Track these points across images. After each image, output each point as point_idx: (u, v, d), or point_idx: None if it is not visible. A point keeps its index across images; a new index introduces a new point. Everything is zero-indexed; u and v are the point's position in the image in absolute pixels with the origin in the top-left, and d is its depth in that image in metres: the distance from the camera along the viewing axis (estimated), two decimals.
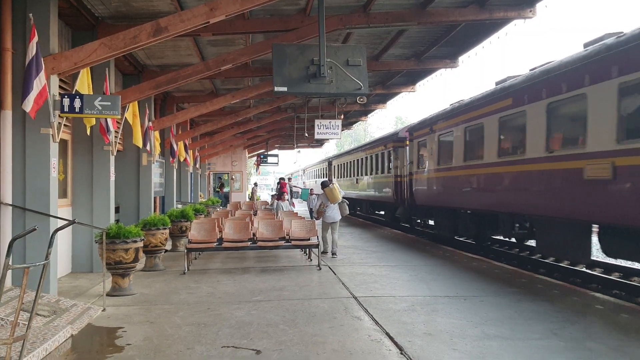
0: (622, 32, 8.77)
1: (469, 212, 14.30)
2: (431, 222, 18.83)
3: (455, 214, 15.31)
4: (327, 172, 39.06)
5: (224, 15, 7.70)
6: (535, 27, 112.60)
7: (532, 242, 12.43)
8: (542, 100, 10.26)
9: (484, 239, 15.38)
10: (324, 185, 13.38)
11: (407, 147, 20.09)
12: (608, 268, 12.13)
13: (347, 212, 13.34)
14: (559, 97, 9.79)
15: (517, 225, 12.77)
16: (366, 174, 26.46)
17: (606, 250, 9.68)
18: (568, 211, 9.56)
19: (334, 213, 13.02)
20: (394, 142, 21.67)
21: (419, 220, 20.57)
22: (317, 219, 13.48)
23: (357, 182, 28.42)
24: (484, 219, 13.72)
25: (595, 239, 9.86)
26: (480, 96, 13.53)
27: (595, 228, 9.76)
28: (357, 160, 28.76)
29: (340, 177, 33.37)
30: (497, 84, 12.31)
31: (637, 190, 7.85)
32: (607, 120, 8.46)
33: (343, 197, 13.23)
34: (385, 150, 22.69)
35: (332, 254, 12.63)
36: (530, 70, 11.36)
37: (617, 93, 8.27)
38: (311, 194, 22.75)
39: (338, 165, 35.40)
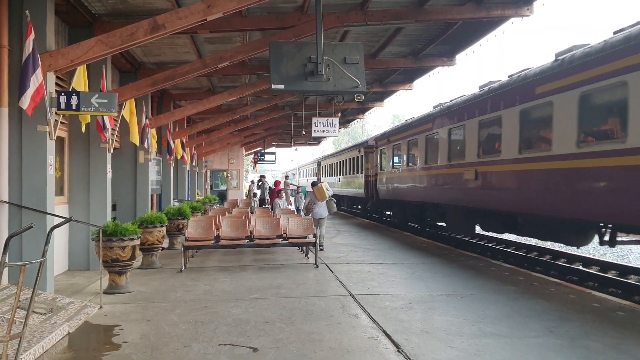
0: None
1: (412, 203, 18.46)
2: (389, 213, 24.08)
3: (405, 206, 19.70)
4: (317, 171, 43.88)
5: (221, 13, 7.68)
6: (534, 24, 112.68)
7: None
8: (445, 127, 15.21)
9: (425, 223, 19.68)
10: (313, 184, 14.09)
11: (374, 153, 24.15)
12: (604, 266, 12.17)
13: (335, 209, 14.37)
14: (452, 126, 14.77)
15: (437, 212, 16.91)
16: (346, 174, 30.58)
17: (481, 227, 14.40)
18: (458, 200, 14.26)
19: (322, 210, 13.79)
20: (365, 148, 25.97)
21: (384, 212, 25.22)
22: (305, 216, 14.01)
23: (339, 181, 32.92)
24: (421, 208, 18.10)
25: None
26: (417, 118, 18.57)
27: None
28: (340, 162, 33.18)
29: (327, 177, 37.64)
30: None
31: (489, 185, 12.53)
32: (473, 144, 13.33)
33: (331, 196, 14.12)
34: (359, 155, 27.01)
35: (320, 247, 12.83)
36: (437, 105, 16.76)
37: (477, 127, 13.12)
38: (298, 193, 22.99)
39: (325, 165, 39.90)
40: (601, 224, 9.66)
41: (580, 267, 12.24)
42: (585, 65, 9.26)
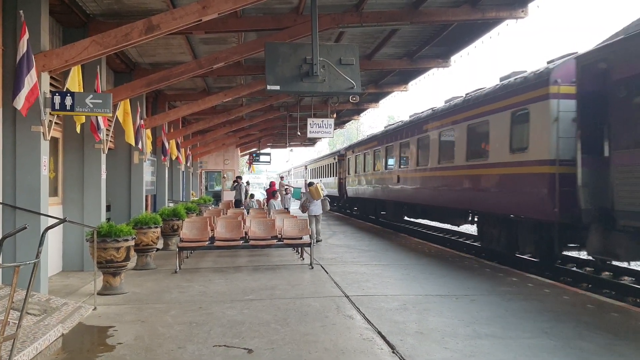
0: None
1: (367, 200, 24.65)
2: (355, 208, 30.42)
3: (363, 202, 26.12)
4: (305, 173, 50.85)
5: (216, 14, 7.68)
6: (528, 26, 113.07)
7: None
8: (383, 145, 21.68)
9: (377, 215, 24.68)
10: (309, 184, 15.52)
11: (344, 160, 30.69)
12: (598, 268, 12.20)
13: (328, 207, 15.69)
14: (387, 144, 21.06)
15: (382, 206, 23.01)
16: (326, 177, 37.25)
17: (407, 215, 20.57)
18: (391, 197, 20.38)
19: (317, 208, 15.06)
20: (338, 156, 33.07)
21: (352, 207, 31.19)
22: (303, 213, 15.40)
23: (320, 182, 38.08)
24: (373, 203, 24.18)
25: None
26: (368, 137, 26.25)
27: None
28: (321, 166, 40.44)
29: (312, 178, 43.30)
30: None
31: (406, 186, 18.03)
32: (397, 158, 19.64)
33: (325, 196, 15.37)
34: (334, 162, 34.10)
35: (317, 240, 14.30)
36: (387, 125, 24.04)
37: (399, 146, 19.46)
38: (287, 194, 23.09)
39: (311, 169, 47.25)
40: (469, 211, 14.64)
41: (574, 269, 12.28)
42: (468, 108, 13.81)
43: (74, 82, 8.74)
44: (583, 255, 13.43)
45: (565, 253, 12.06)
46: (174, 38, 11.74)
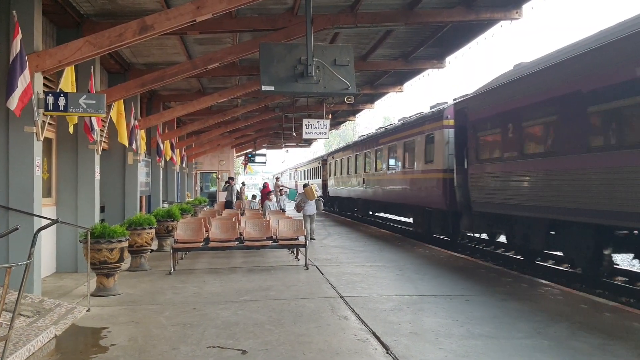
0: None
1: (344, 199, 29.70)
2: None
3: (341, 200, 31.39)
4: (295, 175, 55.21)
5: (210, 14, 7.67)
6: (523, 27, 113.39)
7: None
8: (354, 153, 26.14)
9: (353, 211, 29.50)
10: (304, 186, 16.45)
11: (327, 164, 35.57)
12: (591, 269, 12.21)
13: (322, 207, 16.74)
14: (355, 153, 25.63)
15: (354, 203, 27.96)
16: (313, 178, 40.87)
17: (372, 211, 25.07)
18: (360, 196, 24.46)
19: (312, 208, 15.97)
20: (322, 160, 38.11)
21: (333, 205, 35.30)
22: (298, 212, 16.32)
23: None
24: (348, 202, 29.47)
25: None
26: (342, 146, 32.72)
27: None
28: (309, 169, 45.71)
29: (302, 179, 47.20)
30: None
31: (369, 187, 22.46)
32: (362, 164, 23.94)
33: (319, 196, 16.37)
34: (319, 165, 38.98)
35: (310, 239, 15.06)
36: (361, 136, 29.66)
37: (364, 155, 23.76)
38: (281, 194, 23.12)
39: (301, 171, 51.84)
40: (406, 205, 18.71)
41: (568, 269, 12.30)
42: (404, 129, 18.48)
43: (68, 82, 8.71)
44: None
45: (558, 254, 12.37)
46: (168, 38, 11.72)
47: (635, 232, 9.08)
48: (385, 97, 21.46)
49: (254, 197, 26.02)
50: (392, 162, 19.74)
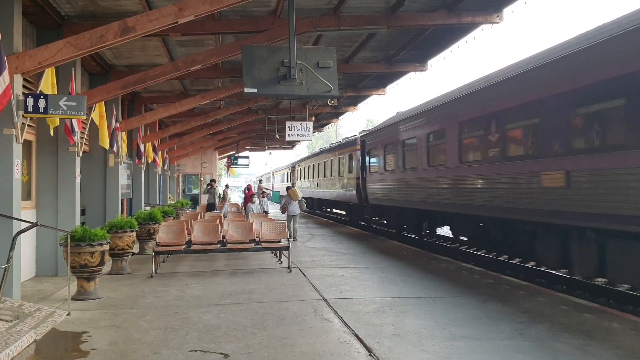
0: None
1: (311, 199, 32.75)
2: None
3: (308, 200, 30.03)
4: (272, 179, 62.76)
5: (193, 16, 7.64)
6: (504, 31, 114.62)
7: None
8: (311, 162, 34.29)
9: (321, 209, 35.03)
10: (288, 188, 17.68)
11: (295, 170, 42.19)
12: (572, 271, 12.36)
13: (305, 208, 18.12)
14: (314, 163, 32.70)
15: (319, 203, 33.69)
16: (285, 182, 47.30)
17: (325, 207, 33.89)
18: (317, 196, 31.69)
19: (295, 208, 17.08)
20: (290, 167, 45.68)
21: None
22: (282, 213, 17.68)
23: (281, 186, 49.65)
24: (313, 201, 33.45)
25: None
26: (305, 156, 40.80)
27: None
28: (282, 173, 53.64)
29: (277, 183, 55.65)
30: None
31: (321, 189, 30.14)
32: (321, 170, 30.23)
33: (302, 197, 17.72)
34: (290, 171, 45.36)
35: (293, 239, 16.16)
36: (324, 146, 37.82)
37: (323, 163, 29.83)
38: (263, 197, 23.13)
39: (276, 175, 59.43)
40: (342, 202, 25.47)
41: (549, 270, 12.43)
42: (339, 148, 25.83)
43: (48, 84, 8.61)
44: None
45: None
46: (150, 40, 11.65)
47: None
48: (368, 100, 21.53)
49: (223, 198, 25.53)
50: (333, 171, 26.49)
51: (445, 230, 18.20)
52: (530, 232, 10.36)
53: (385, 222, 20.36)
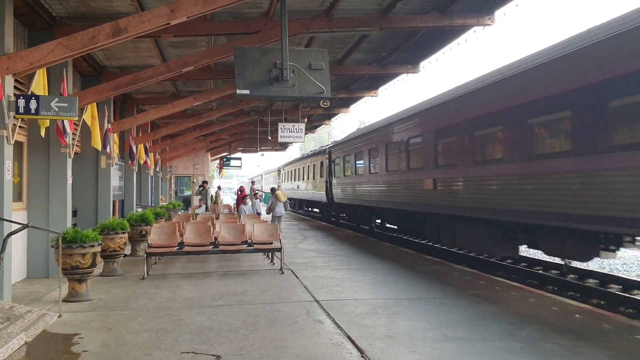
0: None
1: (295, 199, 37.79)
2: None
3: (293, 200, 37.06)
4: (261, 180, 67.12)
5: (185, 17, 7.63)
6: (496, 33, 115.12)
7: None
8: (294, 166, 38.92)
9: (302, 209, 39.65)
10: (273, 190, 18.42)
11: (280, 173, 47.21)
12: (563, 271, 12.46)
13: (289, 208, 22.03)
14: (296, 167, 37.83)
15: (299, 203, 39.31)
16: (273, 184, 49.01)
17: (305, 207, 38.88)
18: (299, 196, 36.59)
19: (281, 209, 17.96)
20: (277, 170, 51.13)
21: None
22: (268, 214, 18.57)
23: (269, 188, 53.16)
24: (296, 201, 38.56)
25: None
26: (288, 161, 44.72)
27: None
28: (271, 176, 58.22)
29: (265, 185, 58.72)
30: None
31: (301, 190, 34.89)
32: (299, 174, 35.99)
33: (288, 198, 19.46)
34: (277, 175, 50.43)
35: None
36: (303, 154, 41.68)
37: (300, 168, 35.67)
38: (256, 198, 23.18)
39: (265, 177, 64.83)
40: (315, 201, 30.62)
41: (540, 271, 12.51)
42: (313, 155, 31.14)
43: (39, 85, 8.57)
44: (549, 258, 13.72)
45: (531, 256, 12.90)
46: (142, 41, 11.62)
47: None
48: (360, 102, 21.54)
49: (215, 201, 25.42)
50: (310, 175, 30.79)
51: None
52: (422, 219, 15.09)
53: (346, 217, 25.14)
